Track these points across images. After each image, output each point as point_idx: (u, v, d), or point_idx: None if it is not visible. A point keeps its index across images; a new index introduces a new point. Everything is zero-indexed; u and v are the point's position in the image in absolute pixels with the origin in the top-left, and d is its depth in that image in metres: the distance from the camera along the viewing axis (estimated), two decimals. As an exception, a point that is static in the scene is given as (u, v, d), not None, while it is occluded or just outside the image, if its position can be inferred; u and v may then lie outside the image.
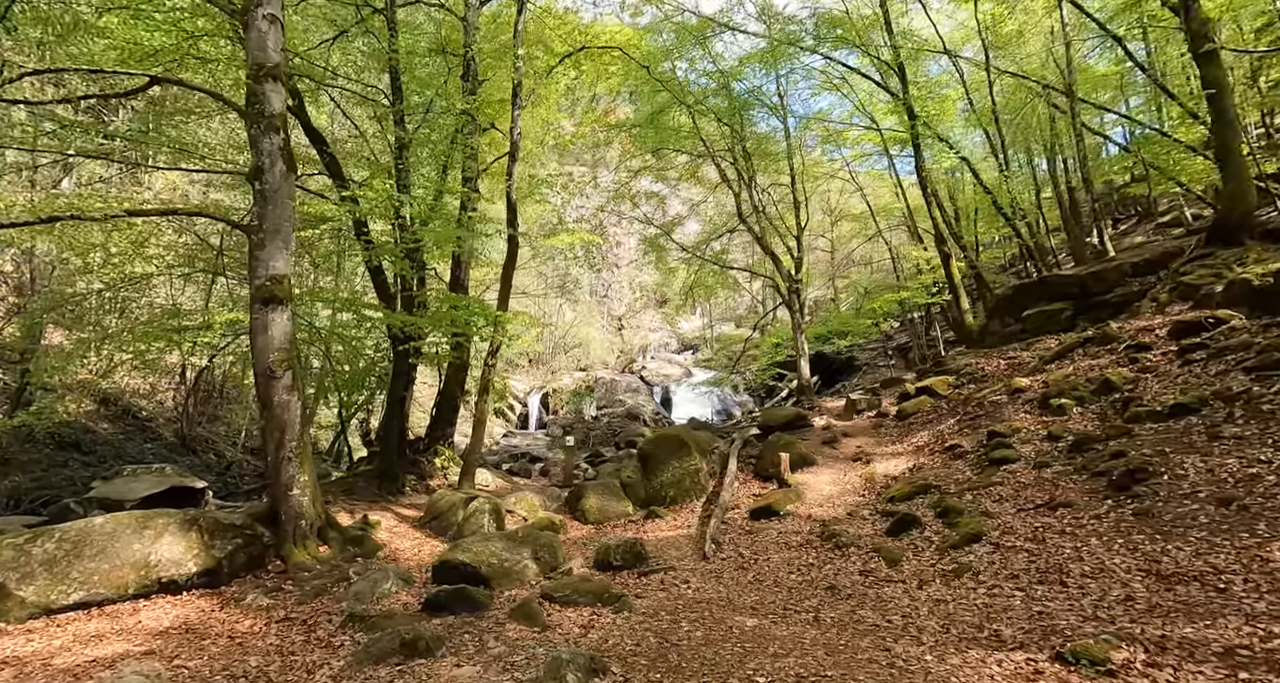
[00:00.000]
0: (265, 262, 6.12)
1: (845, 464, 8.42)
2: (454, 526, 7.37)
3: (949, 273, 12.57)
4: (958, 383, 9.55)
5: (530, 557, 5.56)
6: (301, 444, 6.20)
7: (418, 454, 10.41)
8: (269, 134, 6.14)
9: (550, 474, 11.98)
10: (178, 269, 12.86)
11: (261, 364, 6.06)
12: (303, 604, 5.11)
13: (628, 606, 4.20)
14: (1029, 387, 7.42)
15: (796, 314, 16.50)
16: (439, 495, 7.76)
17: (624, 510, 8.83)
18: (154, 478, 9.07)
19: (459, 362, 10.94)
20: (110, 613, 4.88)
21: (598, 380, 28.53)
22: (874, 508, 6.21)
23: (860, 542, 5.20)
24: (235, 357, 14.20)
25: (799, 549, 5.48)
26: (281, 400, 6.08)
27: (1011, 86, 17.09)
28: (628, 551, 5.46)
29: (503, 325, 8.80)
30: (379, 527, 7.21)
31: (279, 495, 6.09)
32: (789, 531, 6.15)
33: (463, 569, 5.31)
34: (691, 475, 9.20)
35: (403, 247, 8.57)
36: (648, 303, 44.25)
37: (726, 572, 5.05)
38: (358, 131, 12.29)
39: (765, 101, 17.20)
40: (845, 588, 4.20)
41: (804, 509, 6.87)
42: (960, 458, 6.55)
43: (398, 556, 6.57)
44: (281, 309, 6.17)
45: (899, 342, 26.53)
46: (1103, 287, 9.25)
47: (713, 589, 4.57)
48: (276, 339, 6.11)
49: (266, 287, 6.09)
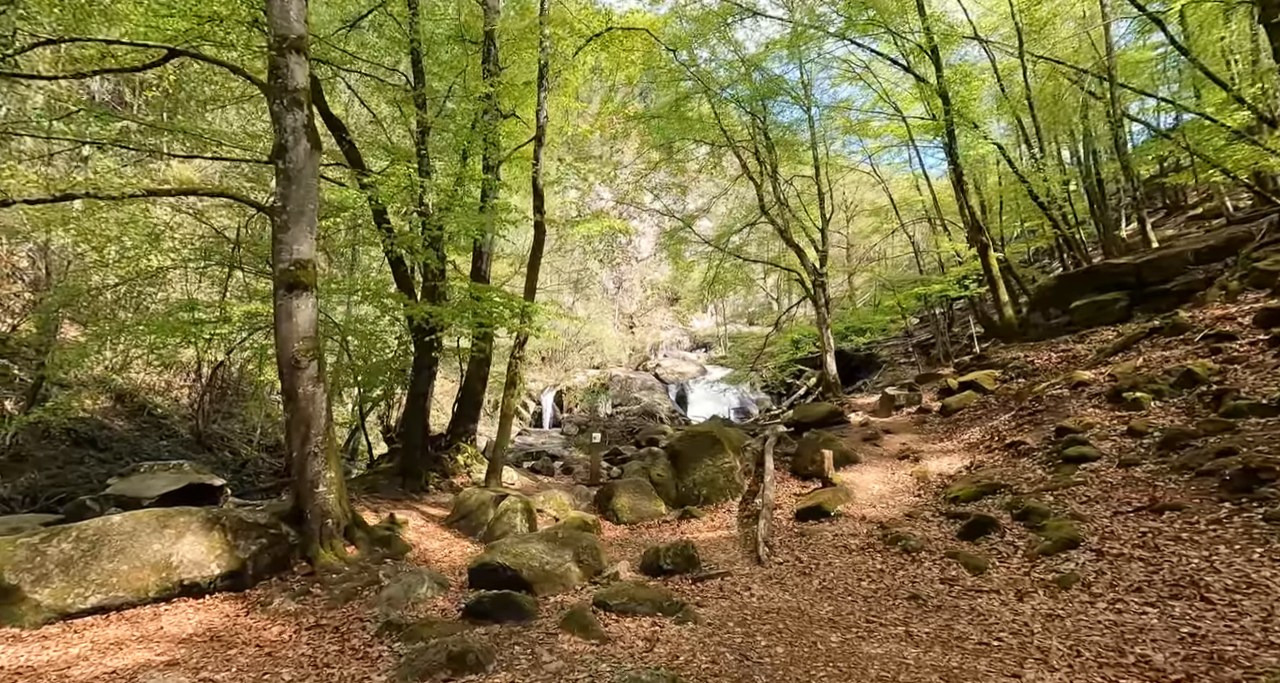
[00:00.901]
0: (289, 245, 5.79)
1: (891, 462, 8.01)
2: (484, 525, 7.02)
3: (987, 264, 12.08)
4: (1005, 377, 9.09)
5: (572, 560, 5.20)
6: (327, 439, 5.87)
7: (439, 451, 10.08)
8: (292, 110, 5.80)
9: (574, 472, 11.64)
10: (194, 263, 12.64)
11: (286, 354, 5.73)
12: (333, 609, 4.77)
13: (691, 615, 3.82)
14: (1093, 380, 6.96)
15: (822, 309, 16.06)
16: (467, 493, 7.42)
17: (657, 510, 8.46)
18: (172, 475, 8.79)
19: (481, 356, 10.60)
20: (130, 618, 4.56)
21: (612, 378, 28.18)
22: (935, 509, 5.79)
23: (931, 546, 4.79)
24: (252, 351, 13.97)
25: (861, 553, 5.08)
26: (306, 392, 5.75)
27: (1045, 72, 16.52)
28: (679, 554, 5.08)
29: (530, 316, 8.44)
30: (406, 526, 6.88)
31: (304, 493, 5.76)
32: (844, 533, 5.74)
33: (502, 572, 4.96)
34: (726, 474, 8.83)
35: (427, 234, 8.23)
36: (659, 301, 43.89)
37: (788, 578, 4.67)
38: (375, 119, 11.99)
39: (788, 90, 16.74)
40: (930, 598, 3.80)
41: (856, 510, 6.47)
42: (1026, 455, 6.12)
43: (428, 556, 6.23)
44: (306, 295, 5.84)
45: (920, 338, 26.00)
46: (1161, 275, 8.75)
47: (779, 598, 4.19)
48: (301, 327, 5.78)
49: (290, 271, 5.76)
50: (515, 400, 8.75)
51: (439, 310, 7.99)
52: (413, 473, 8.72)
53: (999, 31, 17.80)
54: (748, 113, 16.66)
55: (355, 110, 14.19)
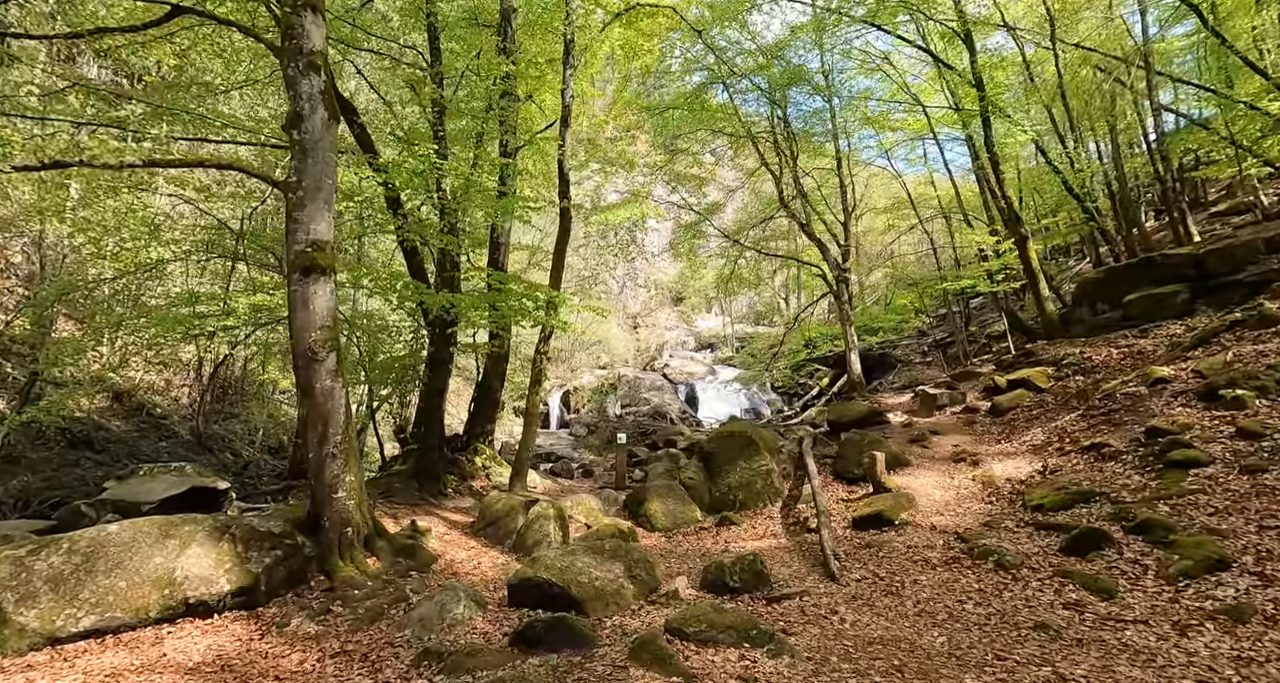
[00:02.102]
0: (305, 224, 5.25)
1: (946, 465, 7.46)
2: (512, 533, 6.47)
3: (1026, 257, 11.55)
4: (1059, 375, 8.56)
5: (625, 574, 4.65)
6: (346, 438, 5.33)
7: (456, 453, 9.54)
8: (308, 74, 5.26)
9: (594, 475, 11.09)
10: (195, 255, 12.09)
11: (302, 344, 5.17)
12: (358, 632, 4.22)
13: (785, 647, 3.27)
14: (1174, 377, 6.43)
15: (845, 305, 15.54)
16: (493, 499, 6.86)
17: (692, 516, 7.92)
18: (172, 478, 8.23)
19: (499, 351, 10.06)
20: (128, 643, 4.01)
21: (620, 378, 27.62)
22: (1017, 518, 5.25)
23: (1032, 563, 4.25)
24: (257, 348, 13.41)
25: (947, 569, 4.53)
26: (325, 387, 5.20)
27: (1072, 64, 16.01)
28: (746, 569, 4.52)
29: (556, 308, 7.89)
30: (429, 535, 6.32)
31: (321, 499, 5.21)
32: (918, 544, 5.20)
33: (547, 589, 4.41)
34: (763, 477, 8.30)
35: (447, 220, 7.68)
36: (663, 301, 43.35)
37: (876, 598, 4.12)
38: (385, 104, 11.43)
39: (808, 79, 16.20)
40: (1062, 629, 3.24)
41: (921, 518, 5.92)
42: (1113, 459, 5.57)
43: (456, 568, 5.67)
44: (324, 280, 5.29)
45: (935, 337, 25.50)
46: (1229, 266, 8.22)
47: (877, 624, 3.64)
48: (319, 315, 5.23)
49: (307, 254, 5.21)
50: (540, 398, 8.20)
51: (459, 299, 7.44)
52: (430, 476, 8.16)
53: (1022, 21, 17.33)
54: (768, 102, 16.15)
55: (364, 97, 13.66)
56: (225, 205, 13.93)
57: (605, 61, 14.90)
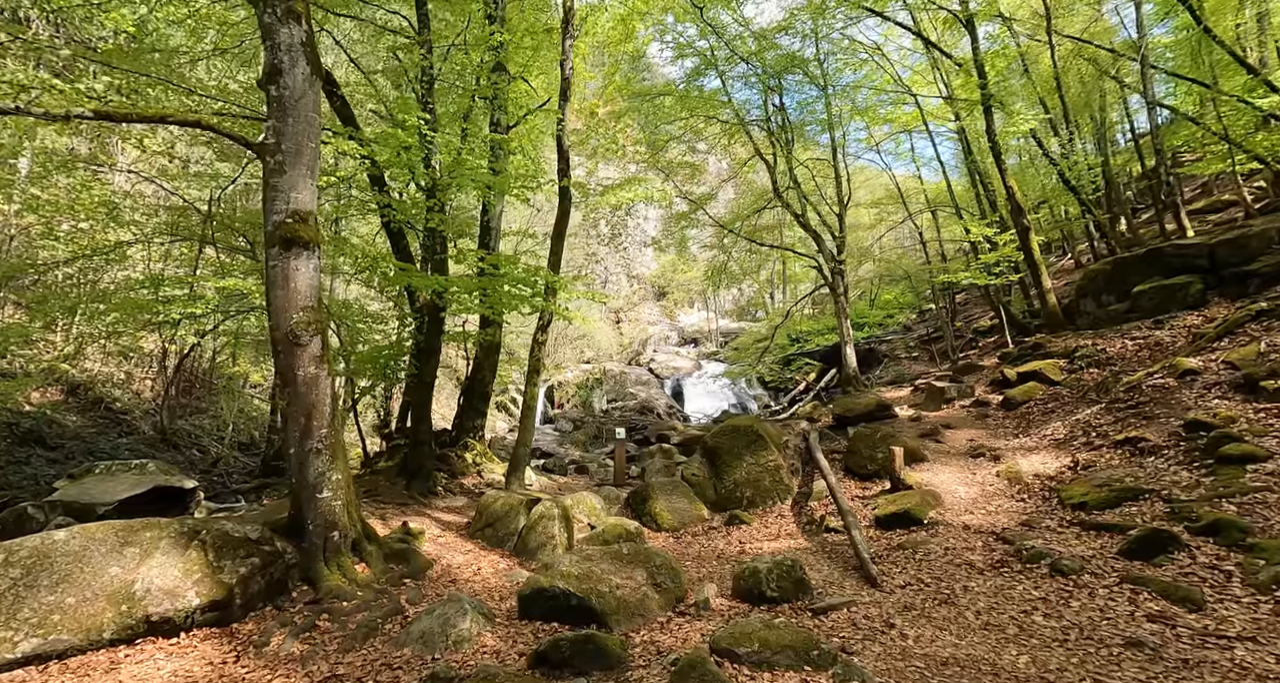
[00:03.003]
0: (284, 192, 4.66)
1: (964, 460, 7.18)
2: (513, 535, 5.98)
3: (1028, 248, 11.39)
4: (1072, 367, 8.35)
5: (648, 582, 4.20)
6: (333, 432, 4.77)
7: (444, 448, 8.98)
8: (288, 22, 4.67)
9: (589, 472, 10.62)
10: (158, 238, 11.25)
11: (281, 327, 4.60)
12: (350, 651, 3.71)
13: (853, 671, 2.85)
14: (1204, 368, 6.22)
15: (841, 298, 15.29)
16: (491, 498, 6.35)
17: (699, 514, 7.53)
18: (133, 477, 7.54)
19: (490, 341, 9.52)
20: (78, 669, 3.44)
21: (605, 373, 27.15)
22: (1059, 517, 4.94)
23: (1092, 568, 3.91)
24: (227, 338, 12.62)
25: (995, 574, 4.18)
26: (308, 375, 4.64)
27: (1066, 55, 15.95)
28: (785, 576, 4.10)
29: (555, 293, 7.38)
30: (422, 537, 5.79)
31: (305, 499, 4.66)
32: (956, 546, 4.85)
33: (564, 600, 3.94)
34: (771, 474, 7.92)
35: (440, 198, 7.11)
36: (645, 295, 42.97)
37: (929, 608, 3.74)
38: (366, 79, 10.74)
39: (802, 66, 15.85)
40: (1160, 648, 2.88)
41: (952, 516, 5.60)
42: (1153, 454, 5.31)
43: (454, 575, 5.16)
44: (307, 255, 4.72)
45: (920, 333, 25.58)
46: (1242, 256, 8.09)
47: (944, 640, 3.25)
48: (301, 294, 4.66)
49: (288, 225, 4.63)
50: (539, 389, 7.69)
51: (452, 282, 6.88)
52: (419, 473, 7.60)
53: (1017, 13, 17.24)
54: (761, 90, 15.78)
55: (343, 72, 12.89)
56: (191, 185, 13.07)
57: (594, 48, 14.36)
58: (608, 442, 20.13)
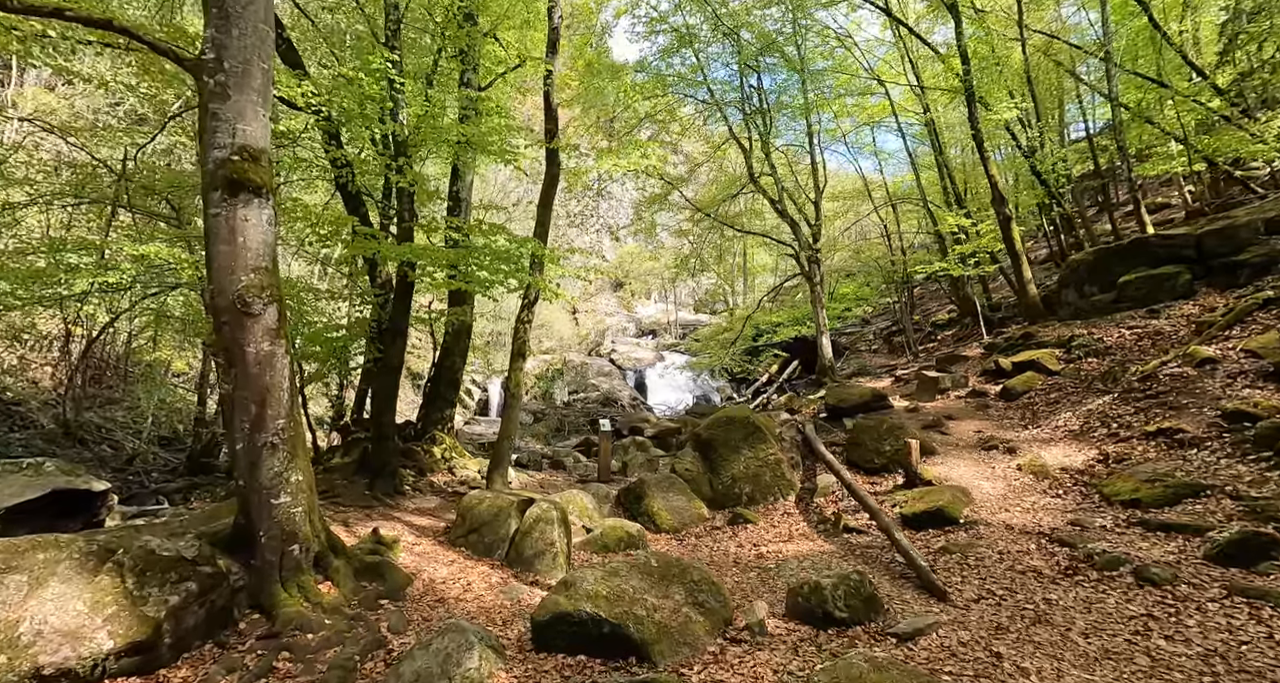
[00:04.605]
0: (229, 122, 3.70)
1: (976, 452, 6.86)
2: (504, 541, 5.18)
3: (1009, 238, 11.35)
4: (1069, 357, 8.23)
5: (688, 602, 3.54)
6: (292, 423, 3.87)
7: (409, 442, 8.02)
8: (241, -94, 3.68)
9: (567, 468, 9.86)
10: (60, 201, 9.66)
11: (226, 291, 3.65)
12: (323, 704, 2.88)
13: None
14: (1224, 357, 6.08)
15: (817, 287, 15.05)
16: (475, 499, 5.52)
17: (698, 513, 6.94)
18: (24, 478, 6.24)
19: (460, 324, 8.59)
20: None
21: (567, 363, 26.27)
22: (1113, 517, 4.58)
23: (1186, 577, 3.50)
24: (146, 318, 11.08)
25: (1072, 584, 3.73)
26: (261, 352, 3.71)
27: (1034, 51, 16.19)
28: (854, 592, 3.49)
29: (543, 266, 6.57)
30: (397, 546, 4.92)
31: (257, 506, 3.74)
32: (1009, 550, 4.42)
33: (593, 627, 3.23)
34: (772, 468, 7.41)
35: (414, 154, 6.16)
36: (602, 286, 42.20)
37: (1025, 630, 3.22)
38: (312, 24, 9.51)
39: (780, 49, 15.43)
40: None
41: (988, 515, 5.20)
42: (1194, 447, 5.05)
43: (441, 593, 4.34)
44: (259, 204, 3.77)
45: (879, 326, 25.97)
46: (1229, 247, 8.15)
47: (1066, 674, 2.72)
48: (253, 251, 3.71)
49: (234, 164, 3.67)
50: (522, 376, 6.87)
51: (427, 252, 5.97)
52: (384, 471, 6.65)
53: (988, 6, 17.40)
54: (737, 72, 15.28)
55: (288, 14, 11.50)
56: (102, 143, 11.37)
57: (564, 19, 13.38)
58: (570, 435, 19.33)
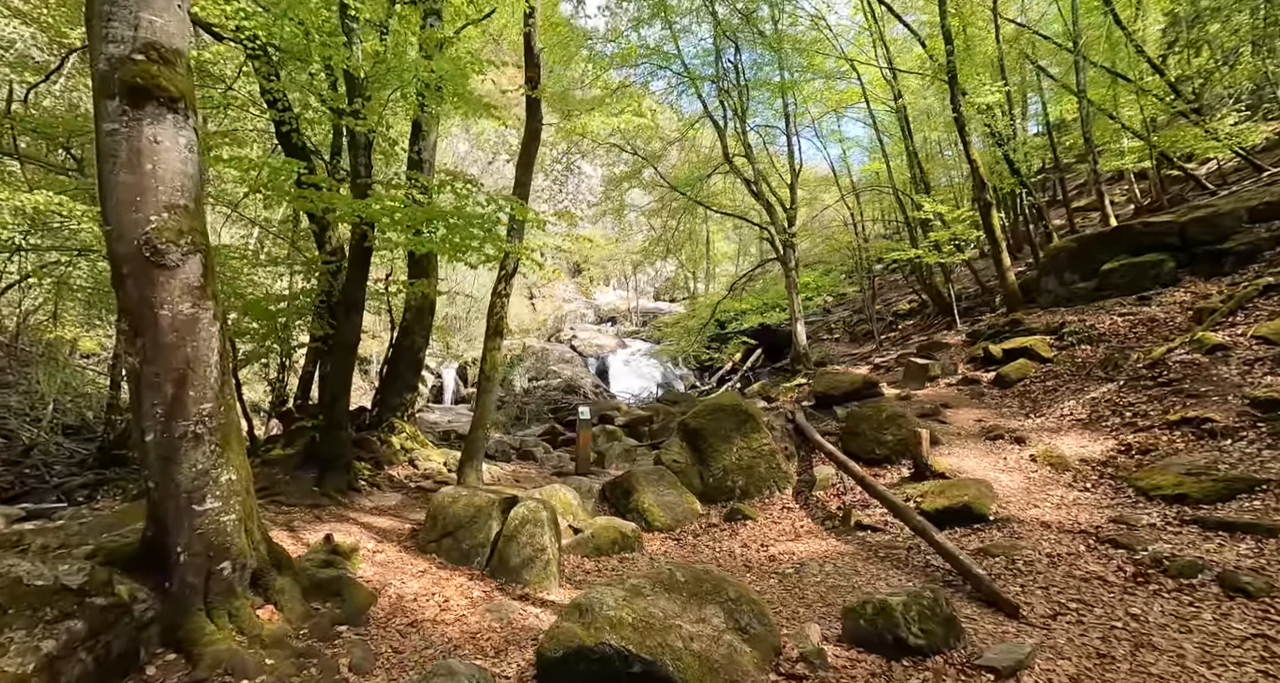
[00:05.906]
0: (128, 8, 2.77)
1: (981, 443, 6.54)
2: (483, 546, 4.44)
3: (989, 224, 11.24)
4: (1062, 344, 8.07)
5: (729, 627, 2.92)
6: (222, 407, 3.01)
7: (363, 431, 7.10)
8: None
9: (538, 459, 9.11)
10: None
11: (128, 236, 2.74)
12: (265, 787, 2.11)
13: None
14: (1235, 344, 5.93)
15: (792, 272, 14.72)
16: (449, 497, 4.73)
17: (692, 509, 6.37)
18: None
19: (423, 300, 7.68)
20: None
21: (526, 349, 25.26)
22: (1160, 513, 4.25)
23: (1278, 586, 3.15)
24: (44, 289, 9.61)
25: (1150, 595, 3.30)
26: (180, 316, 2.83)
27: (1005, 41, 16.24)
28: (929, 614, 2.91)
29: (522, 227, 5.77)
30: (355, 555, 4.10)
31: (174, 513, 2.88)
32: (1057, 552, 4.02)
33: (620, 664, 2.57)
34: (766, 459, 6.92)
35: (360, 101, 5.23)
36: (561, 271, 41.18)
37: (1136, 660, 2.72)
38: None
39: (758, 25, 14.87)
40: None
41: (1017, 511, 4.83)
42: (1227, 437, 4.81)
43: (413, 614, 3.58)
44: (174, 120, 2.86)
45: (840, 315, 26.17)
46: (1213, 235, 8.15)
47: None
48: (166, 183, 2.81)
49: (137, 65, 2.75)
50: (500, 359, 6.07)
51: (389, 210, 5.08)
52: (336, 464, 5.74)
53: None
54: (715, 38, 14.63)
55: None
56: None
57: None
58: (531, 423, 18.48)
